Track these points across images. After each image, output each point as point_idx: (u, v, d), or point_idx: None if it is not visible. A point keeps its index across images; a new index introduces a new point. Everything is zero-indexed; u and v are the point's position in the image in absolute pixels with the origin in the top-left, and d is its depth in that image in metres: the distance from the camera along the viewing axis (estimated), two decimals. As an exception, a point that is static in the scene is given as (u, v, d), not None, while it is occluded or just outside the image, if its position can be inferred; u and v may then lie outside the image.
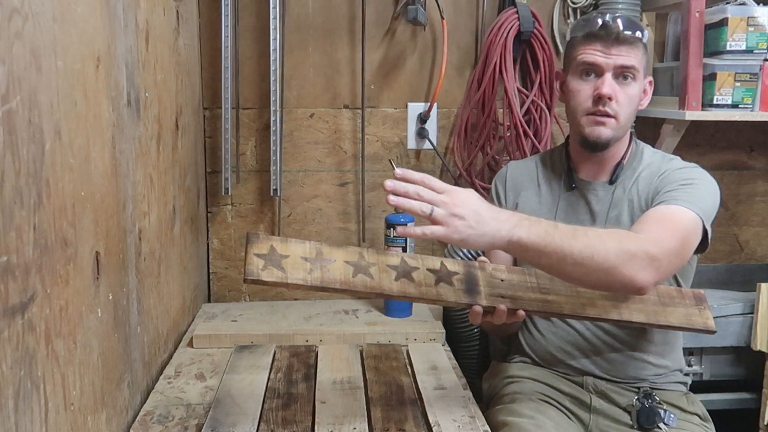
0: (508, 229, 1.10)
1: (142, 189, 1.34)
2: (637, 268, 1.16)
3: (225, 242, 2.06)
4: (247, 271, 1.05)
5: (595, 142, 1.39)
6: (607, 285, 1.19)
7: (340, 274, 1.11)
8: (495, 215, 1.11)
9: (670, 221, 1.27)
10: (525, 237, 1.11)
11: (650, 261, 1.17)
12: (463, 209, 1.07)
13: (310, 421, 1.22)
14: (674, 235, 1.24)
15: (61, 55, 0.93)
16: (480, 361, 1.87)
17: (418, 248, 1.96)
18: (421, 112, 2.04)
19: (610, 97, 1.34)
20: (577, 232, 1.16)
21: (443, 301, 1.17)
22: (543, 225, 1.14)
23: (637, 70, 1.35)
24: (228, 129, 1.91)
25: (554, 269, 1.17)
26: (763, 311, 1.79)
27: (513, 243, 1.11)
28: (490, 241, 1.10)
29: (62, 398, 0.95)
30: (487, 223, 1.09)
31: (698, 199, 1.32)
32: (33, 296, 0.85)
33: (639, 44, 1.35)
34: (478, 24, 2.04)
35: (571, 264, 1.13)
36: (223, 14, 1.85)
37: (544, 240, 1.12)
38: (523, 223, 1.12)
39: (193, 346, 1.61)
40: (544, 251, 1.12)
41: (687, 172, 1.40)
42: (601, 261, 1.14)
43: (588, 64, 1.36)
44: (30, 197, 0.83)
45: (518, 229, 1.11)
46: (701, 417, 1.43)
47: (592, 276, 1.16)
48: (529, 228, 1.12)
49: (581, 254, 1.13)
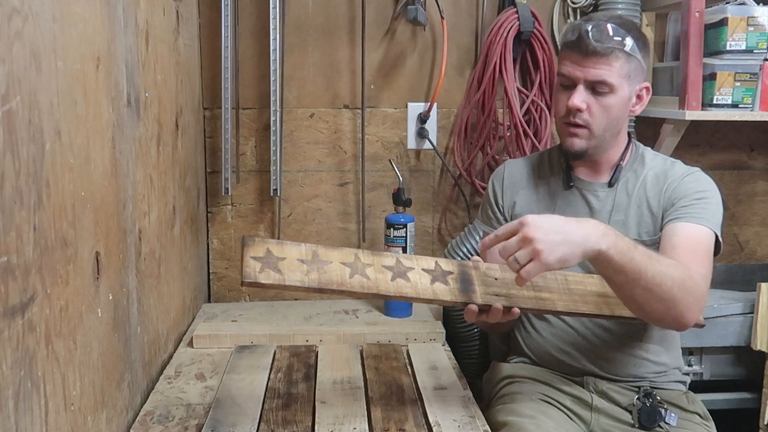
0: (597, 237, 1.11)
1: (142, 189, 1.34)
2: (691, 307, 1.21)
3: (225, 242, 2.06)
4: (244, 274, 1.05)
5: (568, 152, 1.42)
6: (661, 317, 1.23)
7: (337, 276, 1.11)
8: (576, 224, 1.12)
9: (699, 249, 1.32)
10: (612, 247, 1.12)
11: (701, 298, 1.24)
12: (539, 233, 1.07)
13: (310, 421, 1.22)
14: (708, 265, 1.30)
15: (61, 55, 0.93)
16: (480, 361, 1.87)
17: (418, 248, 1.97)
18: (421, 112, 2.04)
19: (580, 109, 1.35)
20: (653, 256, 1.18)
21: (439, 300, 1.18)
22: (626, 240, 1.16)
23: (612, 83, 1.33)
24: (228, 129, 1.91)
25: (626, 288, 1.18)
26: (763, 311, 1.79)
27: (602, 253, 1.12)
28: (584, 251, 1.10)
29: (62, 398, 0.95)
30: (573, 232, 1.10)
31: (712, 214, 1.36)
32: (33, 296, 0.85)
33: (617, 53, 1.32)
34: (478, 24, 2.04)
35: (642, 287, 1.16)
36: (223, 14, 1.85)
37: (626, 256, 1.13)
38: (609, 231, 1.13)
39: (193, 346, 1.61)
40: (624, 268, 1.14)
41: (696, 182, 1.41)
42: (666, 291, 1.17)
43: (563, 76, 1.38)
44: (30, 197, 0.83)
45: (606, 237, 1.12)
46: (702, 416, 1.43)
47: (654, 305, 1.19)
48: (616, 239, 1.13)
49: (653, 280, 1.15)
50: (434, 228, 2.12)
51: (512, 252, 1.08)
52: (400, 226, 1.79)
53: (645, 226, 1.41)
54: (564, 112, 1.38)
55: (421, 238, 2.08)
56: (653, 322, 1.29)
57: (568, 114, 1.37)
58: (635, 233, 1.41)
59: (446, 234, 2.11)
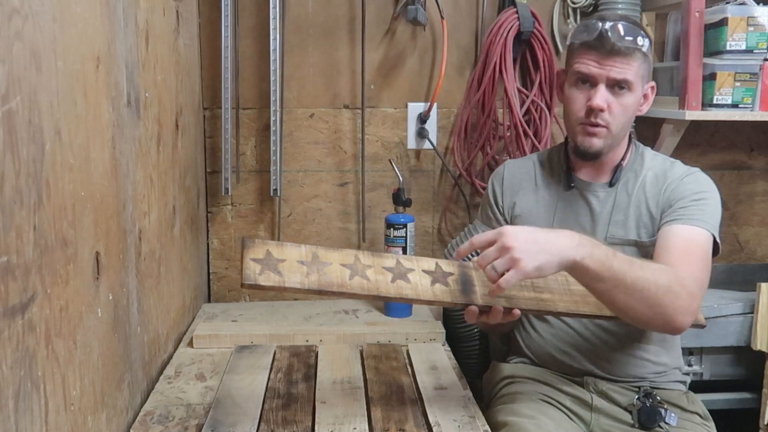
0: (573, 246, 1.13)
1: (142, 189, 1.34)
2: (680, 311, 1.21)
3: (225, 242, 2.06)
4: (244, 276, 1.05)
5: (586, 152, 1.40)
6: (649, 321, 1.23)
7: (337, 277, 1.11)
8: (553, 235, 1.14)
9: (698, 251, 1.31)
10: (588, 257, 1.13)
11: (692, 301, 1.23)
12: (517, 242, 1.09)
13: (310, 421, 1.22)
14: (703, 267, 1.30)
15: (61, 55, 0.93)
16: (480, 361, 1.87)
17: (418, 248, 1.97)
18: (421, 112, 2.04)
19: (602, 109, 1.35)
20: (634, 263, 1.19)
21: (439, 301, 1.17)
22: (603, 248, 1.17)
23: (632, 82, 1.34)
24: (228, 129, 1.91)
25: (606, 295, 1.19)
26: (763, 311, 1.79)
27: (578, 263, 1.13)
28: (560, 260, 1.12)
29: (62, 398, 0.95)
30: (549, 242, 1.12)
31: (710, 216, 1.36)
32: (33, 296, 0.85)
33: (636, 54, 1.33)
34: (478, 24, 2.04)
35: (623, 293, 1.17)
36: (223, 14, 1.85)
37: (604, 265, 1.14)
38: (584, 242, 1.15)
39: (193, 346, 1.61)
40: (602, 276, 1.15)
41: (695, 183, 1.41)
42: (650, 296, 1.18)
43: (582, 74, 1.36)
44: (30, 197, 0.83)
45: (581, 248, 1.13)
46: (702, 416, 1.43)
47: (639, 309, 1.19)
48: (592, 249, 1.14)
49: (633, 286, 1.16)
50: (434, 228, 2.11)
51: (490, 261, 1.10)
52: (400, 226, 1.79)
53: (644, 227, 1.41)
54: (583, 112, 1.37)
55: (421, 238, 2.08)
56: (643, 326, 1.30)
57: (589, 114, 1.36)
58: (635, 233, 1.41)
59: (446, 234, 2.11)
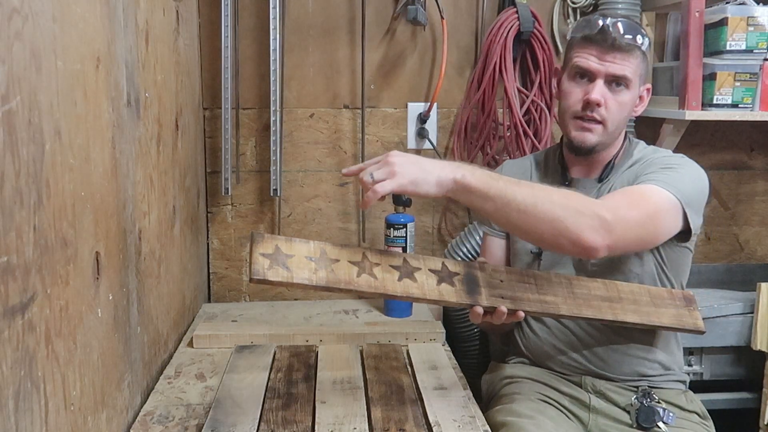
0: (451, 168, 1.16)
1: (142, 189, 1.34)
2: (585, 227, 1.17)
3: (225, 242, 2.06)
4: (253, 271, 1.05)
5: (579, 147, 1.40)
6: (555, 240, 1.19)
7: (345, 274, 1.11)
8: (438, 162, 1.18)
9: (637, 195, 1.29)
10: (469, 177, 1.15)
11: (600, 222, 1.18)
12: (399, 159, 1.14)
13: (310, 421, 1.22)
14: (637, 206, 1.26)
15: (61, 55, 0.93)
16: (480, 361, 1.87)
17: (418, 248, 1.97)
18: (421, 112, 2.04)
19: (599, 103, 1.34)
20: (523, 183, 1.19)
21: (445, 301, 1.18)
22: (487, 171, 1.18)
23: (630, 79, 1.34)
24: (228, 129, 1.91)
25: (500, 215, 1.18)
26: (763, 311, 1.79)
27: (458, 182, 1.14)
28: (438, 179, 1.14)
29: (62, 398, 0.95)
30: (428, 163, 1.16)
31: (676, 181, 1.31)
32: (33, 296, 0.85)
33: (636, 51, 1.34)
34: (478, 24, 2.04)
35: (516, 211, 1.16)
36: (223, 14, 1.85)
37: (488, 183, 1.15)
38: (464, 165, 1.17)
39: (193, 346, 1.61)
40: (488, 194, 1.15)
41: (670, 158, 1.40)
42: (545, 211, 1.16)
43: (581, 68, 1.36)
44: (30, 197, 0.83)
45: (461, 169, 1.16)
46: (700, 415, 1.43)
47: (539, 227, 1.17)
48: (473, 170, 1.16)
49: (524, 201, 1.16)
50: (434, 228, 2.12)
51: (370, 171, 1.14)
52: (400, 226, 1.79)
53: None
54: (579, 105, 1.37)
55: (421, 238, 2.08)
56: (553, 248, 1.27)
57: (585, 108, 1.36)
58: None
59: (446, 234, 2.11)
